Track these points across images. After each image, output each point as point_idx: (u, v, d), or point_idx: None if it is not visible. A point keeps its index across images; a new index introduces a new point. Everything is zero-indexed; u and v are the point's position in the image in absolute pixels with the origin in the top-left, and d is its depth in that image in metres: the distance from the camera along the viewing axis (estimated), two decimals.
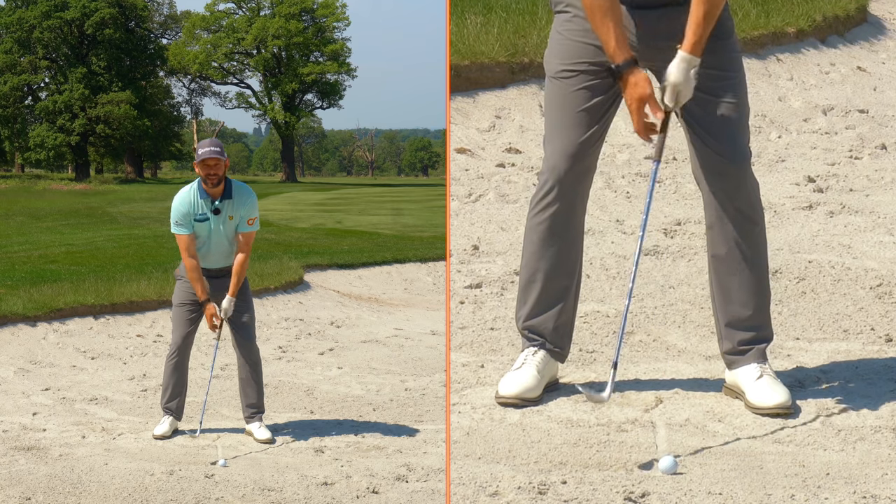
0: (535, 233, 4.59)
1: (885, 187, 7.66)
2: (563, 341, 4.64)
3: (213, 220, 7.00)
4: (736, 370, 4.53)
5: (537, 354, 4.59)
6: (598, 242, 6.57)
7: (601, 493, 3.83)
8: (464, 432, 4.30)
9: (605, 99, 4.47)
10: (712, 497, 3.80)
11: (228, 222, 7.03)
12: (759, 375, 4.45)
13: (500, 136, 8.89)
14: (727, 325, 4.55)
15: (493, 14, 10.21)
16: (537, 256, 4.59)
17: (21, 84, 54.11)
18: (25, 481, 5.92)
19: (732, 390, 4.54)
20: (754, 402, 4.41)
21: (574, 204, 4.55)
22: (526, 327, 4.64)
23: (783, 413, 4.36)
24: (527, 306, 4.63)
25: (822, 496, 3.79)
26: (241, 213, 7.04)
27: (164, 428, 7.14)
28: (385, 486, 5.90)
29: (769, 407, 4.37)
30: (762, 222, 4.54)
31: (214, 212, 6.98)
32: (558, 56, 4.53)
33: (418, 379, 9.35)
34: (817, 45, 11.07)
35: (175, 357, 7.20)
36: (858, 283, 5.79)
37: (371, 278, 16.90)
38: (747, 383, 4.46)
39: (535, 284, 4.60)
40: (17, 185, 46.05)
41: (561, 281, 4.60)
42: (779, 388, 4.43)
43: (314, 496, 5.76)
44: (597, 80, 4.45)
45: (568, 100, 4.49)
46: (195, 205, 6.98)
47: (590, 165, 4.55)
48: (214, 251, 7.09)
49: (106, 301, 11.81)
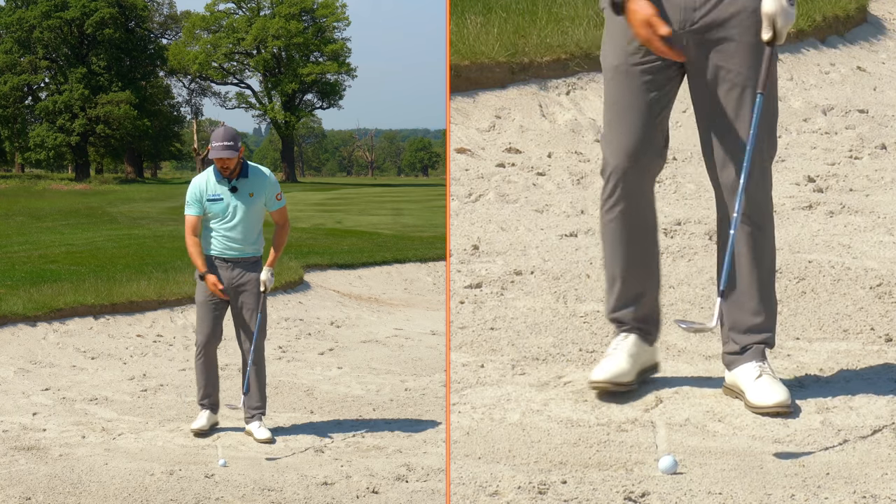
0: (607, 231, 4.65)
1: (885, 187, 7.66)
2: (649, 326, 4.68)
3: (231, 199, 7.01)
4: (735, 370, 4.52)
5: (628, 339, 4.63)
6: (598, 242, 6.55)
7: (601, 493, 3.83)
8: (464, 432, 4.30)
9: (663, 94, 4.47)
10: (712, 497, 3.80)
11: (250, 199, 7.04)
12: (759, 375, 4.45)
13: (500, 136, 8.89)
14: (731, 328, 4.55)
15: (493, 14, 10.21)
16: (613, 255, 4.64)
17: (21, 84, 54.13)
18: (25, 481, 5.92)
19: (732, 390, 4.54)
20: (754, 402, 4.40)
21: (639, 201, 4.57)
22: (612, 318, 4.69)
23: (783, 412, 4.35)
24: (612, 300, 4.68)
25: (822, 496, 3.79)
26: (266, 191, 7.08)
27: (202, 422, 7.17)
28: (385, 486, 5.90)
29: (769, 406, 4.37)
30: (771, 227, 4.55)
31: (232, 189, 7.00)
32: (612, 52, 4.53)
33: (418, 379, 9.35)
34: (817, 45, 11.07)
35: (202, 357, 7.22)
36: (858, 283, 5.79)
37: (371, 278, 16.89)
38: (747, 383, 4.46)
39: (616, 281, 4.65)
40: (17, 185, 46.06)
41: (639, 276, 4.64)
42: (778, 387, 4.42)
43: (314, 496, 5.76)
44: (654, 76, 4.45)
45: (625, 96, 4.50)
46: (209, 186, 7.03)
47: (651, 160, 4.54)
48: (242, 231, 7.05)
49: (106, 301, 11.80)
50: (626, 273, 4.62)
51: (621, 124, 4.50)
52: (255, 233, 7.11)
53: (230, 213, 7.02)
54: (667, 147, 4.59)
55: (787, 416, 4.36)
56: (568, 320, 5.42)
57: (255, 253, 7.14)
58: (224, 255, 7.09)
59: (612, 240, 4.63)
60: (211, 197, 7.03)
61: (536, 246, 6.54)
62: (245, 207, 7.02)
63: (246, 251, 7.10)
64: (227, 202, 7.01)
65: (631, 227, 4.59)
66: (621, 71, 4.48)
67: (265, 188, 7.11)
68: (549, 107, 9.34)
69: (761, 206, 4.49)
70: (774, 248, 4.59)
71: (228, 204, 7.01)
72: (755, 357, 4.50)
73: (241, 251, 7.09)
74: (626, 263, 4.62)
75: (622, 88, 4.49)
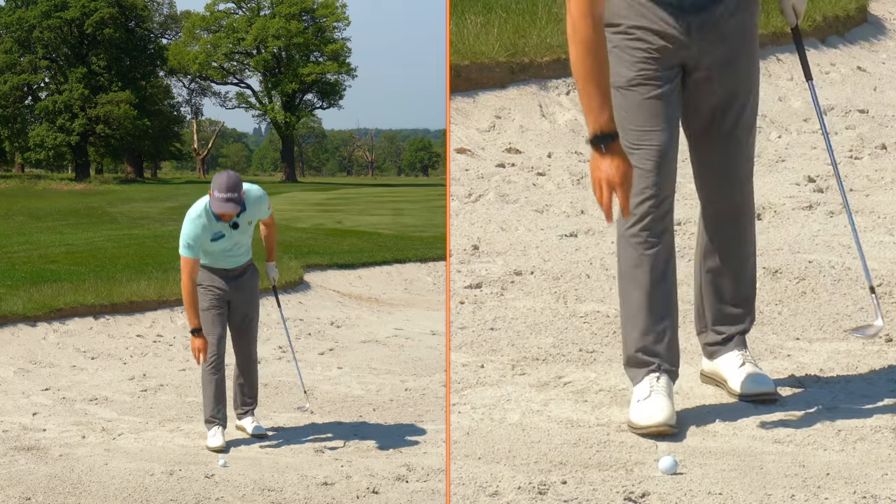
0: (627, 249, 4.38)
1: (885, 187, 7.66)
2: (675, 366, 4.41)
3: (233, 233, 6.88)
4: (718, 359, 4.57)
5: (661, 380, 4.32)
6: (598, 242, 6.57)
7: (601, 493, 3.83)
8: (464, 432, 4.30)
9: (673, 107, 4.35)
10: (712, 497, 3.80)
11: (248, 226, 6.97)
12: (742, 363, 4.50)
13: (500, 136, 8.89)
14: (714, 321, 4.58)
15: (493, 14, 10.21)
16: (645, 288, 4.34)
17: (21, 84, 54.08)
18: (25, 481, 5.92)
19: (712, 378, 4.59)
20: (738, 389, 4.45)
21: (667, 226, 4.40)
22: (641, 354, 4.37)
23: (768, 399, 4.42)
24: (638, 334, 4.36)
25: (822, 496, 3.79)
26: (261, 213, 7.01)
27: (219, 441, 6.82)
28: (385, 486, 5.90)
29: (756, 393, 4.43)
30: (754, 217, 4.57)
31: (233, 226, 6.85)
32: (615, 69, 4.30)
33: (418, 379, 9.35)
34: (817, 45, 11.07)
35: (215, 372, 6.93)
36: (858, 283, 5.79)
37: (371, 278, 16.89)
38: (730, 371, 4.51)
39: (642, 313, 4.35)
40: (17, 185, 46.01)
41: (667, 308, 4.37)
42: (763, 374, 4.49)
43: (314, 496, 5.76)
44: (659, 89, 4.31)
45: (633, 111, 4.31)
46: (211, 227, 6.79)
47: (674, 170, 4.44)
48: (237, 253, 7.01)
49: (106, 301, 11.80)
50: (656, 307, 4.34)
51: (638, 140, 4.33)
52: (248, 244, 7.10)
53: (230, 242, 6.96)
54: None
55: (772, 402, 4.41)
56: (568, 320, 5.42)
57: (248, 257, 7.13)
58: (220, 266, 7.01)
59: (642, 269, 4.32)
60: (213, 237, 6.83)
61: (536, 246, 6.55)
62: (245, 233, 6.98)
63: (240, 261, 7.07)
64: (229, 236, 6.90)
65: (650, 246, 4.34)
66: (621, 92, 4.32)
67: (260, 212, 6.99)
68: (549, 107, 9.34)
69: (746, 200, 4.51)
70: (755, 237, 4.59)
71: (230, 237, 6.91)
72: (738, 345, 4.55)
73: (237, 262, 7.05)
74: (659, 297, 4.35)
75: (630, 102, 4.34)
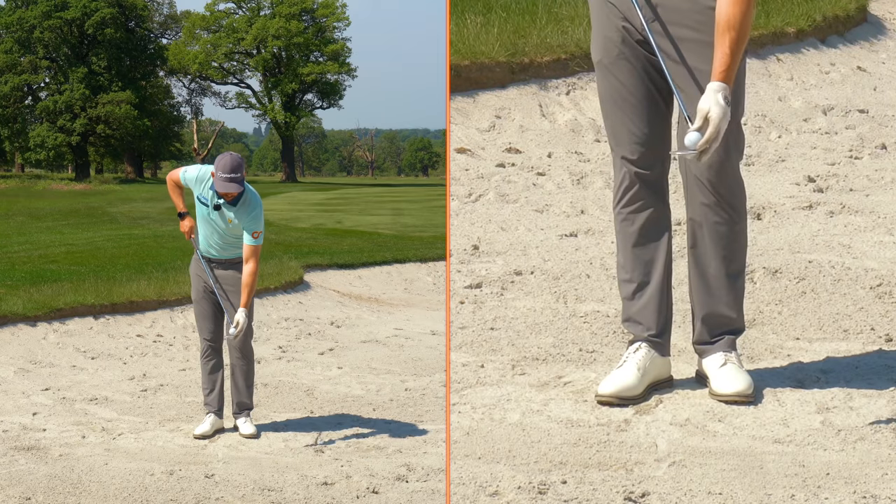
0: (623, 234, 4.62)
1: (885, 187, 7.66)
2: (663, 337, 4.61)
3: (212, 212, 7.01)
4: (705, 359, 4.60)
5: (639, 350, 4.56)
6: (598, 242, 6.57)
7: (601, 493, 3.83)
8: (464, 432, 4.30)
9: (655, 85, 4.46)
10: (712, 497, 3.80)
11: (228, 224, 7.02)
12: (723, 363, 4.54)
13: (500, 136, 8.89)
14: (703, 319, 4.61)
15: (493, 14, 10.21)
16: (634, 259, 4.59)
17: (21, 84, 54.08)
18: (25, 481, 5.92)
19: (702, 378, 4.63)
20: (715, 389, 4.50)
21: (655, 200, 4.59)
22: (627, 324, 4.64)
23: (741, 401, 4.43)
24: (627, 304, 4.63)
25: (822, 496, 3.79)
26: (245, 222, 6.97)
27: (206, 427, 7.08)
28: (385, 486, 5.90)
29: (728, 394, 4.45)
30: (744, 219, 4.58)
31: (215, 207, 7.00)
32: (594, 47, 4.54)
33: (418, 379, 9.35)
34: (817, 45, 11.07)
35: (209, 358, 7.22)
36: (858, 283, 5.79)
37: (371, 278, 16.89)
38: (712, 370, 4.55)
39: (631, 286, 4.60)
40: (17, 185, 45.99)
41: (657, 282, 4.59)
42: (741, 376, 4.49)
43: (314, 496, 5.76)
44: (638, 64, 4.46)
45: (616, 91, 4.50)
46: (204, 186, 7.00)
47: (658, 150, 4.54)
48: (210, 240, 7.13)
49: (106, 301, 11.81)
50: (644, 278, 4.60)
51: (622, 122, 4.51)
52: (232, 244, 7.13)
53: (208, 223, 7.06)
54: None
55: (746, 404, 4.42)
56: (568, 320, 5.42)
57: (235, 256, 7.14)
58: (205, 254, 7.17)
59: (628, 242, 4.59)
60: (199, 196, 7.04)
61: (536, 246, 6.55)
62: (223, 226, 7.04)
63: (223, 255, 7.16)
64: (208, 212, 7.03)
65: (646, 229, 4.59)
66: (603, 66, 4.51)
67: (245, 220, 6.98)
68: (549, 107, 9.34)
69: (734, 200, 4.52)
70: (746, 239, 4.61)
71: (208, 214, 7.03)
72: (724, 347, 4.58)
73: (220, 254, 7.16)
74: (645, 268, 4.60)
75: (605, 83, 4.51)
